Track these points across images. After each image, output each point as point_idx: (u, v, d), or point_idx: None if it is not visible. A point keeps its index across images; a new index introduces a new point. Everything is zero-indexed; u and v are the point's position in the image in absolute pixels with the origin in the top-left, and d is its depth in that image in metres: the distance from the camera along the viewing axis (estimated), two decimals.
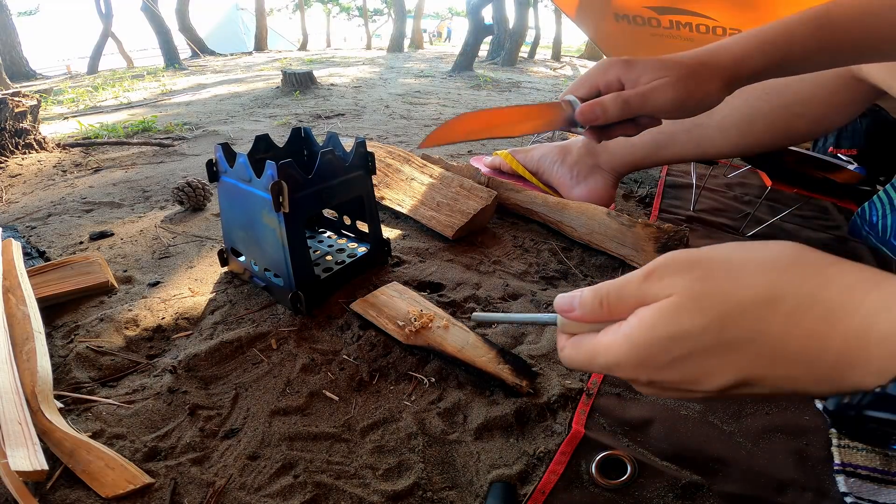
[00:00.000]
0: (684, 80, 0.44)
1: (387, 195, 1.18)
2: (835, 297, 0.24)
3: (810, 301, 0.25)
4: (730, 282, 0.26)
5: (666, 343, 0.28)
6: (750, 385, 0.27)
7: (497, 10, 7.22)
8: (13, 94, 1.88)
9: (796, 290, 0.25)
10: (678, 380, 0.28)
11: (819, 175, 1.12)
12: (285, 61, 7.21)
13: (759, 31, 0.47)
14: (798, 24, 0.46)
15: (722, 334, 0.26)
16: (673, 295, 0.28)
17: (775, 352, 0.25)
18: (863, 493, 0.50)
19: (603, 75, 0.46)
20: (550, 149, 1.09)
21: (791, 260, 0.27)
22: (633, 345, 0.29)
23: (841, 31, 0.46)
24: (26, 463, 0.48)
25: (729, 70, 0.46)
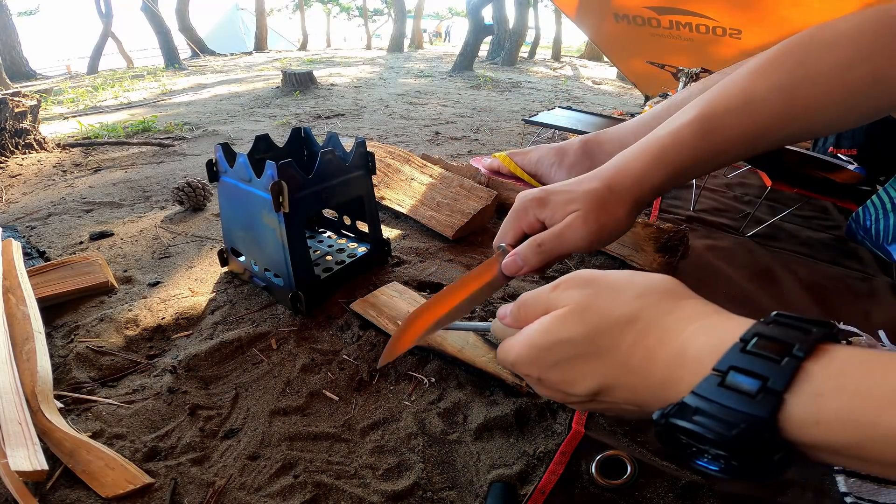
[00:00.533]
0: (595, 212, 0.45)
1: (387, 195, 1.18)
2: (671, 323, 0.29)
3: (654, 325, 0.30)
4: (610, 301, 0.32)
5: (554, 346, 0.33)
6: (606, 393, 0.32)
7: (497, 10, 7.22)
8: (13, 94, 1.88)
9: (649, 314, 0.30)
10: (559, 380, 0.33)
11: (819, 175, 1.12)
12: (285, 61, 7.21)
13: (655, 141, 0.47)
14: (686, 126, 0.46)
15: (593, 343, 0.31)
16: (567, 306, 0.33)
17: (624, 363, 0.30)
18: (863, 493, 0.50)
19: (524, 217, 0.48)
20: (548, 151, 1.09)
21: (659, 290, 0.32)
22: (529, 345, 0.34)
23: (725, 129, 0.45)
24: (26, 463, 0.48)
25: (633, 192, 0.46)
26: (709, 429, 0.25)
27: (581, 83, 5.51)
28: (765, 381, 0.24)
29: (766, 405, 0.24)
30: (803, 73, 0.45)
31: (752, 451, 0.24)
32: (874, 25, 0.44)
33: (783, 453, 0.24)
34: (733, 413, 0.24)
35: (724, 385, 0.25)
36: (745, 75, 0.47)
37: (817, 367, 0.24)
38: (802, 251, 1.09)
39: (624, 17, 2.39)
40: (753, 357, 0.25)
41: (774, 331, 0.26)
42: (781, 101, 0.45)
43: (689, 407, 0.26)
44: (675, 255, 0.90)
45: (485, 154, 1.83)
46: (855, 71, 0.44)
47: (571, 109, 2.09)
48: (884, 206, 0.88)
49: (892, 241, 0.86)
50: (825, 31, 0.46)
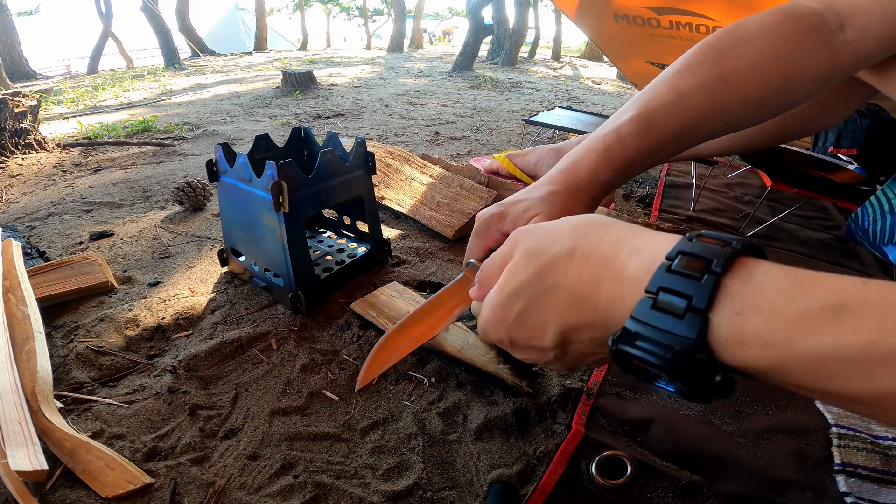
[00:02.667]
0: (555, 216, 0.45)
1: (387, 195, 1.18)
2: (605, 249, 0.30)
3: (591, 252, 0.30)
4: (549, 240, 0.33)
5: (510, 297, 0.33)
6: (572, 338, 0.32)
7: (497, 10, 7.22)
8: (13, 94, 1.88)
9: (584, 244, 0.31)
10: (526, 336, 0.34)
11: (819, 175, 1.12)
12: (285, 61, 7.21)
13: (600, 141, 0.49)
14: (625, 125, 0.48)
15: (542, 282, 0.32)
16: (515, 256, 0.34)
17: (573, 295, 0.30)
18: (863, 492, 0.50)
19: (488, 234, 0.49)
20: (546, 152, 1.09)
21: (587, 221, 0.32)
22: (490, 306, 0.35)
23: (660, 125, 0.48)
24: (26, 463, 0.48)
25: (586, 191, 0.48)
26: (650, 353, 0.25)
27: (581, 83, 5.51)
28: (689, 299, 0.24)
29: (692, 325, 0.23)
30: (721, 71, 0.48)
31: (691, 373, 0.24)
32: (785, 26, 0.47)
33: (723, 375, 0.24)
34: (666, 335, 0.24)
35: (656, 306, 0.25)
36: (672, 74, 0.50)
37: (736, 283, 0.24)
38: (802, 251, 1.09)
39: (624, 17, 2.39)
40: (678, 276, 0.25)
41: (696, 246, 0.25)
42: (704, 97, 0.48)
43: (630, 332, 0.26)
44: None
45: (485, 154, 1.83)
46: (767, 70, 0.47)
47: (571, 109, 2.09)
48: (882, 207, 0.88)
49: (888, 242, 0.86)
50: (741, 30, 0.49)
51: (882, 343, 0.19)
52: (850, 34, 0.47)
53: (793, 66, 0.48)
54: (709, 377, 0.24)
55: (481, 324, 0.37)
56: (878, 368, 0.19)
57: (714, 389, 0.24)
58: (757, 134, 0.86)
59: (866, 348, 0.19)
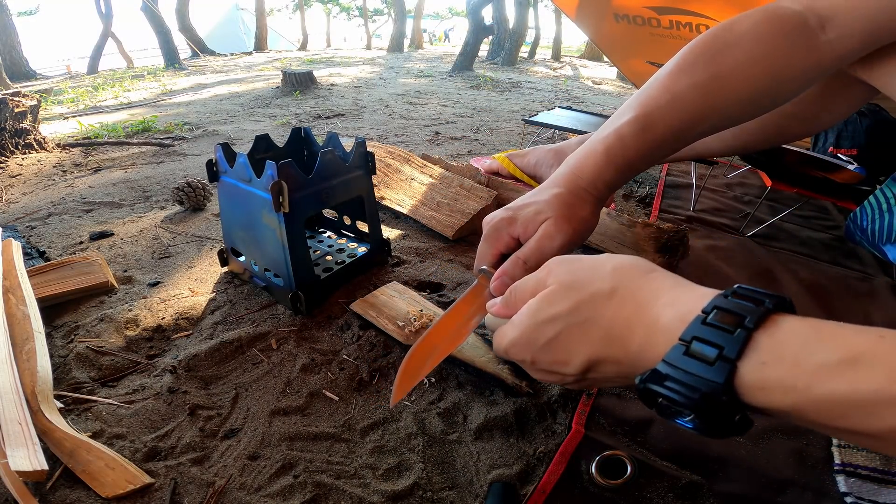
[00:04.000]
0: (564, 217, 0.47)
1: (387, 195, 1.18)
2: (644, 296, 0.32)
3: (630, 297, 0.32)
4: (589, 276, 0.34)
5: (543, 324, 0.35)
6: (595, 368, 0.34)
7: (497, 10, 7.21)
8: (13, 94, 1.88)
9: (624, 288, 0.33)
10: (551, 360, 0.35)
11: (819, 175, 1.12)
12: (285, 61, 7.21)
13: (601, 142, 0.50)
14: (625, 126, 0.50)
15: (578, 315, 0.33)
16: (552, 285, 0.35)
17: (608, 332, 0.32)
18: (863, 493, 0.50)
19: (498, 238, 0.49)
20: (545, 152, 1.09)
21: (630, 265, 0.34)
22: (520, 328, 0.36)
23: (658, 125, 0.50)
24: (26, 463, 0.48)
25: (591, 192, 0.50)
26: (678, 392, 0.27)
27: (581, 83, 5.51)
28: (721, 349, 0.26)
29: (721, 371, 0.26)
30: (713, 71, 0.50)
31: (714, 412, 0.26)
32: (769, 27, 0.49)
33: (742, 414, 0.26)
34: (696, 378, 0.27)
35: (689, 353, 0.27)
36: (666, 75, 0.52)
37: (764, 337, 0.26)
38: (802, 251, 1.09)
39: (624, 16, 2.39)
40: (712, 328, 0.27)
41: (731, 303, 0.28)
42: (699, 97, 0.50)
43: (660, 373, 0.28)
44: (675, 255, 0.90)
45: (485, 154, 1.83)
46: (756, 69, 0.49)
47: (571, 109, 2.09)
48: (880, 206, 0.88)
49: (887, 241, 0.86)
50: (729, 31, 0.51)
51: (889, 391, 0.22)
52: (832, 33, 0.49)
53: (779, 65, 0.50)
54: (729, 416, 0.26)
55: (505, 342, 0.38)
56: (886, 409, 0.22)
57: (732, 427, 0.27)
58: (758, 134, 0.86)
59: (876, 394, 0.22)
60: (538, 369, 0.37)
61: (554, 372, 0.36)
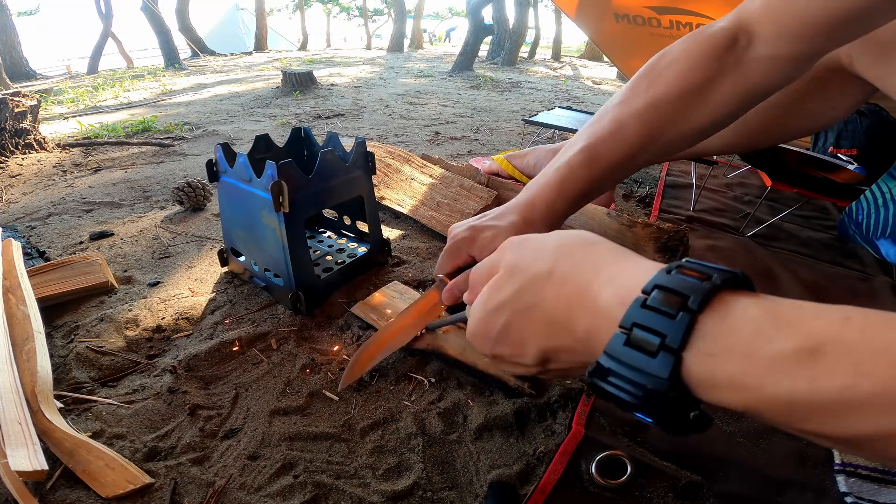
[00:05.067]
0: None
1: (387, 195, 1.18)
2: (582, 272, 0.29)
3: (569, 276, 0.29)
4: (532, 257, 0.32)
5: (492, 315, 0.33)
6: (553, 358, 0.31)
7: (497, 10, 7.21)
8: (13, 94, 1.88)
9: (563, 265, 0.30)
10: (509, 352, 0.33)
11: (819, 175, 1.12)
12: (285, 61, 7.21)
13: (555, 173, 0.53)
14: (575, 156, 0.53)
15: (521, 301, 0.31)
16: (501, 269, 0.33)
17: (551, 319, 0.29)
18: (863, 492, 0.50)
19: (457, 254, 0.53)
20: (545, 152, 1.09)
21: (573, 239, 0.32)
22: (474, 319, 0.35)
23: (605, 156, 0.52)
24: (26, 463, 0.48)
25: (544, 221, 0.53)
26: (622, 390, 0.24)
27: (581, 83, 5.51)
28: (663, 338, 0.23)
29: (665, 364, 0.22)
30: (649, 98, 0.52)
31: (663, 411, 0.23)
32: (697, 51, 0.51)
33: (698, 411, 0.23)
34: (638, 373, 0.23)
35: (630, 343, 0.24)
36: (615, 104, 0.54)
37: (711, 321, 0.22)
38: (802, 251, 1.09)
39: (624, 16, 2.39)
40: (653, 312, 0.23)
41: (673, 280, 0.24)
42: (639, 126, 0.52)
43: (603, 368, 0.25)
44: (675, 255, 0.90)
45: (485, 154, 1.83)
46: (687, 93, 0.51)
47: (571, 109, 2.09)
48: (876, 201, 0.88)
49: (881, 235, 0.86)
50: (664, 58, 0.53)
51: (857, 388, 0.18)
52: (761, 49, 0.49)
53: (707, 87, 0.51)
54: (682, 414, 0.23)
55: (468, 335, 0.37)
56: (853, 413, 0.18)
57: (689, 425, 0.23)
58: (760, 132, 0.86)
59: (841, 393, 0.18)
60: (503, 362, 0.35)
61: (515, 363, 0.34)
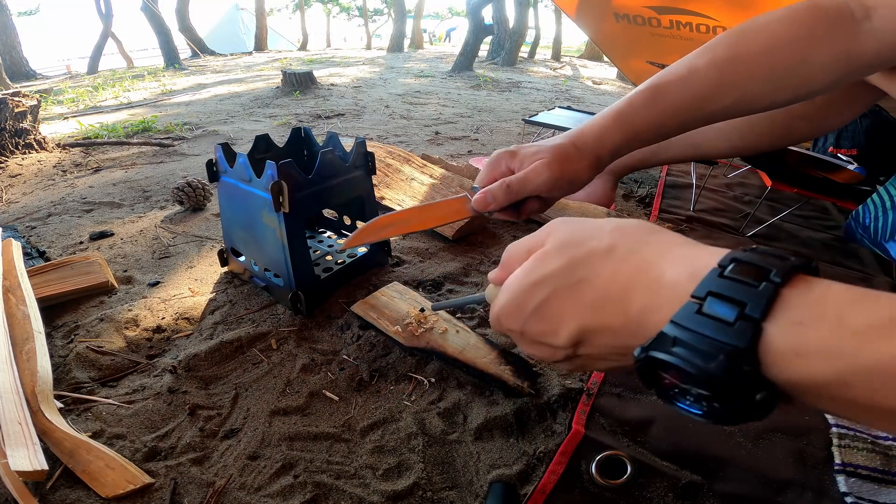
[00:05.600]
0: (557, 162, 0.50)
1: (387, 195, 1.18)
2: (647, 252, 0.28)
3: (631, 253, 0.29)
4: (587, 235, 0.31)
5: (534, 285, 0.31)
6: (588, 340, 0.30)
7: (497, 10, 7.21)
8: (13, 94, 1.88)
9: (626, 243, 0.29)
10: (540, 330, 0.32)
11: (819, 175, 1.12)
12: (285, 61, 7.21)
13: (613, 108, 0.53)
14: (638, 94, 0.53)
15: (571, 275, 0.30)
16: (547, 244, 0.32)
17: (603, 295, 0.29)
18: (863, 492, 0.50)
19: (497, 166, 0.54)
20: None
21: (633, 225, 0.31)
22: (509, 291, 0.33)
23: (670, 95, 0.52)
24: (26, 463, 0.48)
25: (593, 150, 0.52)
26: (688, 361, 0.23)
27: (581, 83, 5.51)
28: (742, 307, 0.22)
29: (744, 333, 0.22)
30: (734, 52, 0.52)
31: (733, 388, 0.22)
32: (806, 14, 0.50)
33: (765, 393, 0.22)
34: (711, 342, 0.22)
35: (702, 312, 0.23)
36: (692, 55, 0.54)
37: (796, 293, 0.22)
38: (802, 251, 1.09)
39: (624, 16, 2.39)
40: (731, 282, 0.23)
41: (752, 257, 0.24)
42: (715, 74, 0.52)
43: (667, 337, 0.24)
44: None
45: (485, 154, 1.83)
46: (781, 51, 0.50)
47: (571, 109, 2.09)
48: (883, 204, 0.88)
49: (889, 238, 0.86)
50: (763, 17, 0.52)
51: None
52: (877, 22, 0.49)
53: (808, 48, 0.50)
54: (750, 394, 0.22)
55: (496, 309, 0.34)
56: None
57: (751, 408, 0.22)
58: (765, 136, 0.86)
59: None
60: (528, 340, 0.33)
61: (543, 343, 0.32)
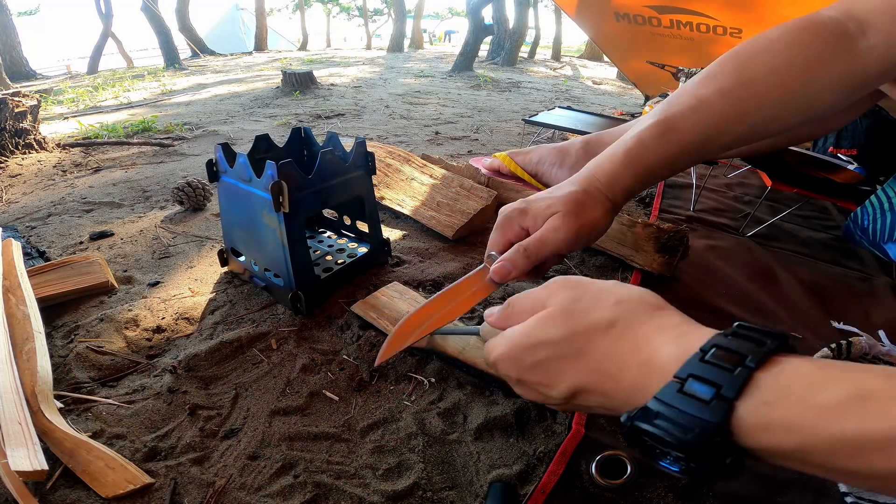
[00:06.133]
0: (573, 215, 0.47)
1: (387, 195, 1.18)
2: (644, 332, 0.31)
3: (629, 332, 0.31)
4: (591, 305, 0.33)
5: (535, 346, 0.34)
6: (581, 396, 0.33)
7: (497, 10, 7.21)
8: (13, 94, 1.88)
9: (625, 321, 0.32)
10: (537, 381, 0.34)
11: (819, 175, 1.12)
12: (285, 61, 7.21)
13: (622, 145, 0.50)
14: (647, 130, 0.49)
15: (571, 344, 0.33)
16: (551, 307, 0.34)
17: (599, 366, 0.31)
18: (863, 493, 0.50)
19: (509, 228, 0.50)
20: (548, 151, 1.09)
21: (637, 299, 0.33)
22: (510, 345, 0.35)
23: (681, 130, 0.49)
24: (26, 463, 0.48)
25: (607, 194, 0.49)
26: (668, 432, 0.26)
27: (581, 83, 5.51)
28: (718, 388, 0.25)
29: (718, 411, 0.25)
30: (741, 78, 0.49)
31: (706, 454, 0.25)
32: (805, 34, 0.49)
33: (734, 457, 0.25)
34: (689, 418, 0.26)
35: (683, 392, 0.26)
36: (695, 81, 0.51)
37: (767, 377, 0.25)
38: (802, 251, 1.09)
39: (624, 16, 2.39)
40: (710, 366, 0.26)
41: (732, 342, 0.27)
42: (725, 103, 0.49)
43: (651, 411, 0.27)
44: (675, 255, 0.90)
45: (485, 154, 1.83)
46: (789, 75, 0.48)
47: (571, 109, 2.09)
48: (882, 205, 0.88)
49: (888, 240, 0.86)
50: (762, 39, 0.50)
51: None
52: (873, 38, 0.47)
53: (813, 71, 0.48)
54: (720, 459, 0.25)
55: (493, 355, 0.37)
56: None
57: (722, 469, 0.26)
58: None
59: (889, 432, 0.21)
60: (524, 387, 0.36)
61: (538, 392, 0.35)
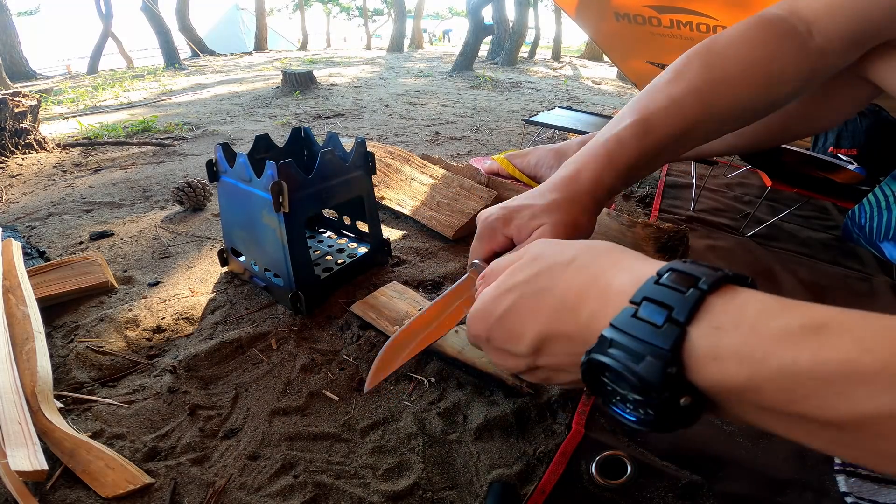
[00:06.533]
0: (560, 223, 0.46)
1: (387, 195, 1.18)
2: (603, 263, 0.31)
3: (589, 264, 0.31)
4: (557, 251, 0.34)
5: (501, 295, 0.34)
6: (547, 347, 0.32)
7: (497, 10, 7.22)
8: (13, 94, 1.88)
9: (585, 257, 0.32)
10: (503, 336, 0.34)
11: (819, 175, 1.12)
12: (285, 61, 7.21)
13: (602, 146, 0.50)
14: (625, 130, 0.50)
15: (535, 284, 0.33)
16: (522, 259, 0.35)
17: (560, 303, 0.31)
18: (863, 492, 0.50)
19: (492, 237, 0.49)
20: (546, 152, 1.09)
21: (600, 244, 0.33)
22: (482, 299, 0.36)
23: (658, 128, 0.50)
24: (26, 463, 0.48)
25: (590, 197, 0.49)
26: (620, 362, 0.25)
27: (581, 83, 5.51)
28: (670, 310, 0.24)
29: (669, 336, 0.24)
30: (711, 76, 0.50)
31: (658, 389, 0.24)
32: (761, 32, 0.51)
33: (690, 399, 0.24)
34: (640, 344, 0.24)
35: (637, 316, 0.25)
36: (664, 82, 0.52)
37: (720, 301, 0.24)
38: (802, 251, 1.09)
39: (624, 15, 2.39)
40: (664, 288, 0.25)
41: (687, 266, 0.26)
42: (697, 102, 0.50)
43: (606, 339, 0.26)
44: (675, 255, 0.90)
45: (485, 154, 1.83)
46: (752, 73, 0.50)
47: (571, 109, 2.09)
48: (879, 203, 0.88)
49: (884, 238, 0.86)
50: (722, 38, 0.52)
51: (860, 362, 0.18)
52: (819, 39, 0.50)
53: (773, 68, 0.50)
54: (674, 397, 0.24)
55: (469, 315, 0.37)
56: (856, 388, 0.18)
57: (678, 414, 0.24)
58: (763, 134, 0.86)
59: (844, 366, 0.19)
60: (493, 347, 0.36)
61: (507, 351, 0.35)
